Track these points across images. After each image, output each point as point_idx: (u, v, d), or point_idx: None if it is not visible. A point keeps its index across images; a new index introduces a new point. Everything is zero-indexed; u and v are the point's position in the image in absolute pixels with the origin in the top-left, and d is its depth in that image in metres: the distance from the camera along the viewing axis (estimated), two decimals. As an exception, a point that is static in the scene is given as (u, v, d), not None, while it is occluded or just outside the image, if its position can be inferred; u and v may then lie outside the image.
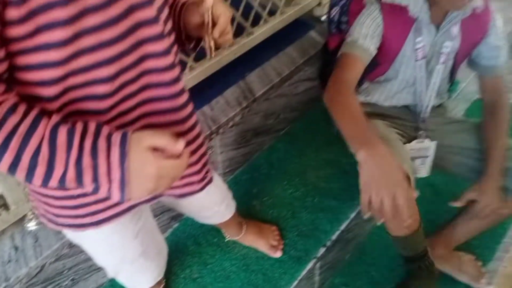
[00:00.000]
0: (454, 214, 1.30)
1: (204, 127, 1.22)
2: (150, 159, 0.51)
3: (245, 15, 1.31)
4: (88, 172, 0.50)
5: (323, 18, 1.59)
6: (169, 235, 1.29)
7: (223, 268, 1.21)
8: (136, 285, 0.98)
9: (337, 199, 1.35)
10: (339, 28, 1.24)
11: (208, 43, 0.67)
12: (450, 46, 1.10)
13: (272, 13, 1.42)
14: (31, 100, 0.51)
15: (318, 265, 1.29)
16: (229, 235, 1.25)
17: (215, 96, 1.30)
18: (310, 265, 1.23)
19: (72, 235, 0.76)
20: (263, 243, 1.23)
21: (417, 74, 1.13)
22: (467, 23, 1.07)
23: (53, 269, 1.02)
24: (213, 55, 0.69)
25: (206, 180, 0.77)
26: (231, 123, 1.28)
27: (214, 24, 0.65)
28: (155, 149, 0.52)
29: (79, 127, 0.51)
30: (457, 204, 1.14)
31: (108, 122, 0.58)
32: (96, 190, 0.52)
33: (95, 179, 0.51)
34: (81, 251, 1.07)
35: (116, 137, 0.52)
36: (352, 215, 1.33)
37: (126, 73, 0.57)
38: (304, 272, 1.21)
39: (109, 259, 0.84)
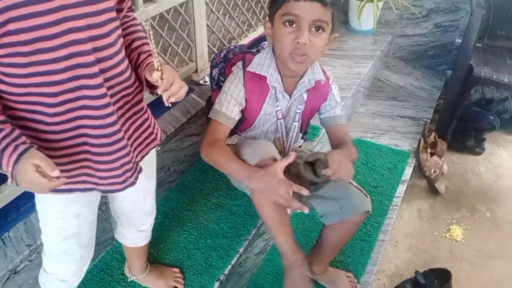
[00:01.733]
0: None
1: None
2: (29, 171, 0.74)
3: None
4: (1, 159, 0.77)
5: (201, 81, 1.83)
6: None
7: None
8: (53, 269, 1.08)
9: (226, 238, 1.52)
10: (219, 84, 1.48)
11: (165, 97, 0.88)
12: (302, 108, 1.40)
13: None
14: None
15: (215, 299, 1.42)
16: (133, 273, 1.36)
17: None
18: (207, 300, 1.36)
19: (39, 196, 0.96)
20: (163, 284, 1.35)
21: (278, 130, 1.42)
22: (312, 91, 1.38)
23: None
24: (169, 104, 0.89)
25: (126, 183, 0.96)
26: (122, 180, 1.41)
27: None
28: (39, 167, 0.74)
29: (7, 129, 0.77)
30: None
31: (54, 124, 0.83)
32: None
33: (2, 165, 0.77)
34: None
35: (22, 147, 0.76)
36: (241, 250, 1.50)
37: (67, 93, 0.81)
38: (202, 307, 1.34)
39: (53, 224, 0.99)
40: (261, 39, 1.52)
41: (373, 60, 2.57)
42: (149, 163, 1.11)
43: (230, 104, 1.32)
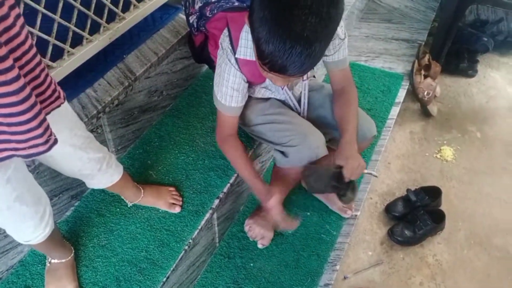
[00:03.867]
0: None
1: (90, 108, 1.31)
2: None
3: (115, 1, 1.41)
4: None
5: None
6: (71, 213, 1.37)
7: (129, 232, 1.33)
8: (20, 235, 1.04)
9: (224, 159, 1.53)
10: (200, 30, 1.39)
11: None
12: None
13: (141, -2, 1.54)
14: None
15: (215, 216, 1.46)
16: (130, 200, 1.37)
17: (97, 79, 1.39)
18: (207, 216, 1.39)
19: None
20: (162, 202, 1.37)
21: (287, 97, 1.38)
22: None
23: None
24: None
25: (50, 142, 0.86)
26: (116, 102, 1.38)
27: None
28: None
29: None
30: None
31: None
32: None
33: None
34: (-15, 236, 1.11)
35: None
36: (239, 169, 1.52)
37: None
38: (203, 222, 1.37)
39: None
40: None
41: (368, -21, 2.48)
42: (61, 118, 0.99)
43: (233, 96, 1.26)
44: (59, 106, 0.92)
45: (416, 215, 1.82)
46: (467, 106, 2.45)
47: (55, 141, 0.87)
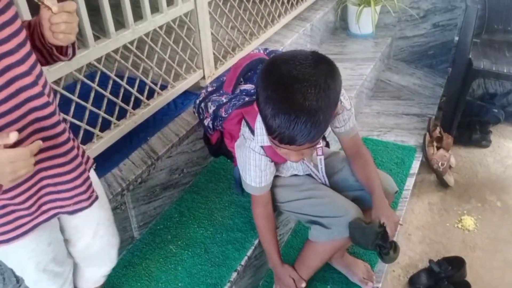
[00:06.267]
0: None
1: (115, 186, 1.41)
2: None
3: (141, 90, 1.58)
4: None
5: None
6: None
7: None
8: None
9: (241, 231, 1.58)
10: (215, 129, 1.50)
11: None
12: (320, 141, 1.36)
13: (164, 87, 1.71)
14: None
15: (233, 290, 1.47)
16: None
17: (122, 159, 1.51)
18: (226, 290, 1.41)
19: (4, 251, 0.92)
20: None
21: (310, 171, 1.46)
22: None
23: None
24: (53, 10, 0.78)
25: (92, 198, 0.96)
26: (139, 180, 1.49)
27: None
28: None
29: None
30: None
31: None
32: None
33: None
34: None
35: None
36: (256, 242, 1.55)
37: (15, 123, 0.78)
38: (221, 297, 1.39)
39: (28, 264, 0.97)
40: (239, 77, 1.42)
41: (374, 61, 2.65)
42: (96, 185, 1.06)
43: (262, 176, 1.34)
44: (92, 165, 1.01)
45: (441, 287, 1.77)
46: (484, 175, 2.46)
47: (96, 197, 0.97)
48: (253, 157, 1.31)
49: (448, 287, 1.76)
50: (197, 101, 1.51)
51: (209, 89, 1.49)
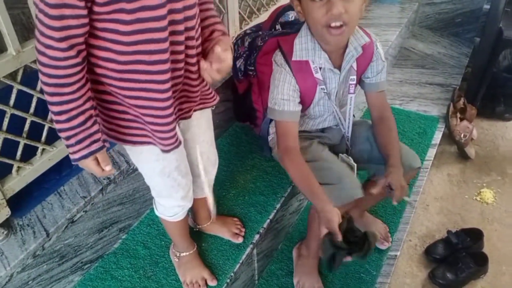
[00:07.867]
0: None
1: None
2: (88, 161, 0.90)
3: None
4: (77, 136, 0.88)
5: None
6: (119, 245, 1.43)
7: (173, 264, 1.37)
8: (171, 202, 1.17)
9: (263, 195, 1.58)
10: (247, 74, 1.49)
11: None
12: (354, 78, 1.36)
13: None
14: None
15: (255, 251, 1.49)
16: (198, 223, 1.44)
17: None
18: (248, 251, 1.42)
19: (133, 149, 1.05)
20: (226, 231, 1.44)
21: (333, 108, 1.41)
22: (360, 56, 1.31)
23: (19, 280, 1.12)
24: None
25: (215, 98, 1.14)
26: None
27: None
28: (97, 158, 0.91)
29: (88, 122, 0.87)
30: (375, 191, 1.33)
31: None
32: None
33: (68, 145, 0.89)
34: (43, 262, 1.19)
35: (95, 146, 0.89)
36: (278, 205, 1.55)
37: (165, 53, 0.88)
38: (244, 257, 1.40)
39: (155, 167, 1.07)
40: (277, 17, 1.48)
41: (400, 28, 2.57)
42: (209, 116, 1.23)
43: (289, 100, 1.30)
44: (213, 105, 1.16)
45: (458, 258, 1.78)
46: (505, 149, 2.43)
47: (217, 99, 1.15)
48: (283, 79, 1.30)
49: (466, 258, 1.76)
50: (233, 40, 1.52)
51: (248, 31, 1.50)
